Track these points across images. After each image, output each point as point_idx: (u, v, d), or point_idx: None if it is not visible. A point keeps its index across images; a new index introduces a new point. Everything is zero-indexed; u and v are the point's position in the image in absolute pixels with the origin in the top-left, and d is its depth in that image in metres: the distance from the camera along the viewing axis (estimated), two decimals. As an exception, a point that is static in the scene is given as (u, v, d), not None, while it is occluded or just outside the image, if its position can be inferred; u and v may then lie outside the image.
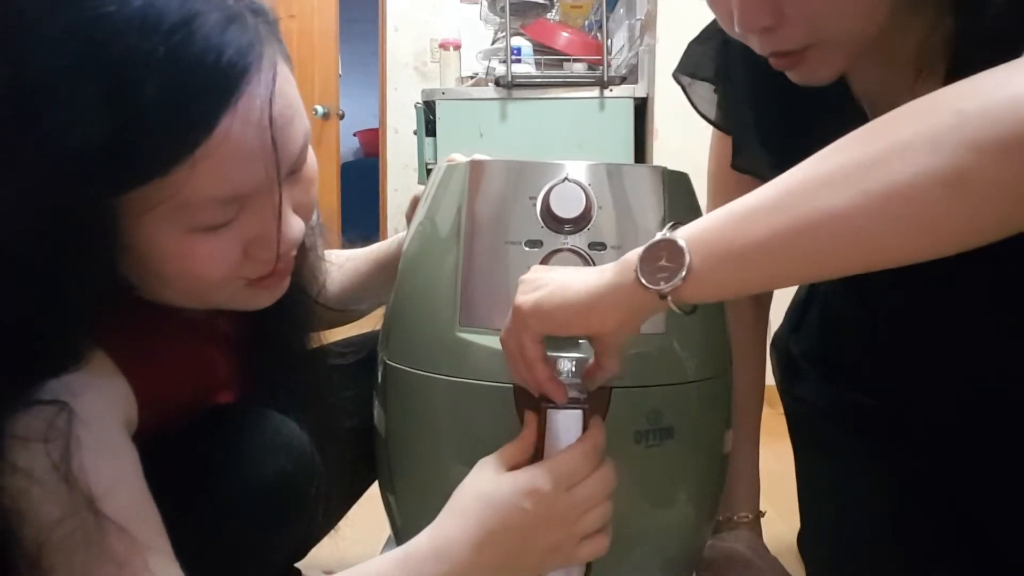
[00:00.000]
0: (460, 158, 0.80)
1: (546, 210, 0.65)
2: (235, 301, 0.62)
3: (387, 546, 0.88)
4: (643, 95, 2.23)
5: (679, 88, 0.93)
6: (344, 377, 0.86)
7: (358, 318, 0.97)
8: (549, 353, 0.59)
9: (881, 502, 0.83)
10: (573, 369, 0.63)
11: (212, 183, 0.52)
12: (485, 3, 2.42)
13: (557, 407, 0.58)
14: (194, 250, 0.55)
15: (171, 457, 0.60)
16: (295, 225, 0.60)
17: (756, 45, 0.65)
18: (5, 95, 0.48)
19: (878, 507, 0.83)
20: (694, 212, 0.73)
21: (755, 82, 0.79)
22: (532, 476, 0.57)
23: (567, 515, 0.57)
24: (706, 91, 0.88)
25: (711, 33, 0.87)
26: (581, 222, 0.65)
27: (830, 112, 0.70)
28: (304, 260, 0.76)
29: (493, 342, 0.64)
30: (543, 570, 0.59)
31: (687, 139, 2.25)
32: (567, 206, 0.65)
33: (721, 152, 0.92)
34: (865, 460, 0.86)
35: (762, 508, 0.93)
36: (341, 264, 0.91)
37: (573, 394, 0.59)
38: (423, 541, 0.57)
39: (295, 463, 0.67)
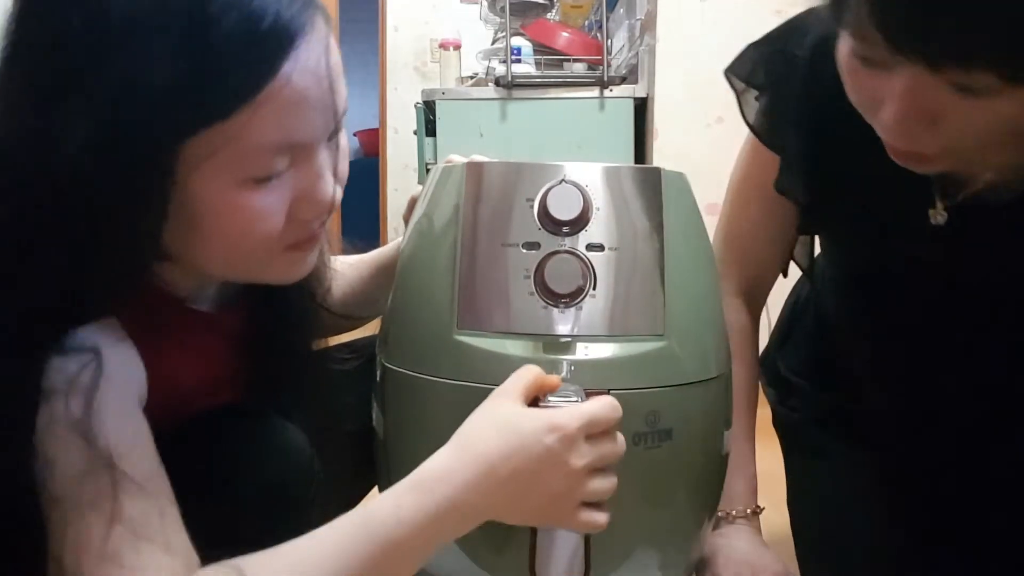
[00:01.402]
0: (459, 159, 0.80)
1: (543, 212, 0.65)
2: (270, 268, 0.62)
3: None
4: (643, 95, 2.23)
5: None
6: (347, 381, 0.86)
7: (363, 324, 0.97)
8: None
9: (874, 505, 0.83)
10: (572, 369, 0.63)
11: (270, 129, 0.54)
12: (485, 3, 2.42)
13: (557, 405, 0.58)
14: (244, 203, 0.56)
15: (169, 460, 0.61)
16: (334, 187, 0.61)
17: (886, 135, 0.62)
18: (82, 34, 0.50)
19: (871, 509, 0.83)
20: (692, 213, 0.73)
21: (814, 109, 0.77)
22: (558, 412, 0.57)
23: (582, 464, 0.57)
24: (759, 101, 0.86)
25: (771, 40, 0.85)
26: (579, 223, 0.65)
27: (896, 178, 0.67)
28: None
29: (491, 344, 0.64)
30: (538, 520, 0.59)
31: (687, 139, 2.26)
32: (564, 207, 0.65)
33: (753, 163, 0.89)
34: (858, 463, 0.86)
35: (761, 506, 0.93)
36: (344, 271, 0.91)
37: (571, 395, 0.60)
38: (436, 465, 0.57)
39: (293, 468, 0.67)
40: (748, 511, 0.91)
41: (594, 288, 0.65)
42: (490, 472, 0.56)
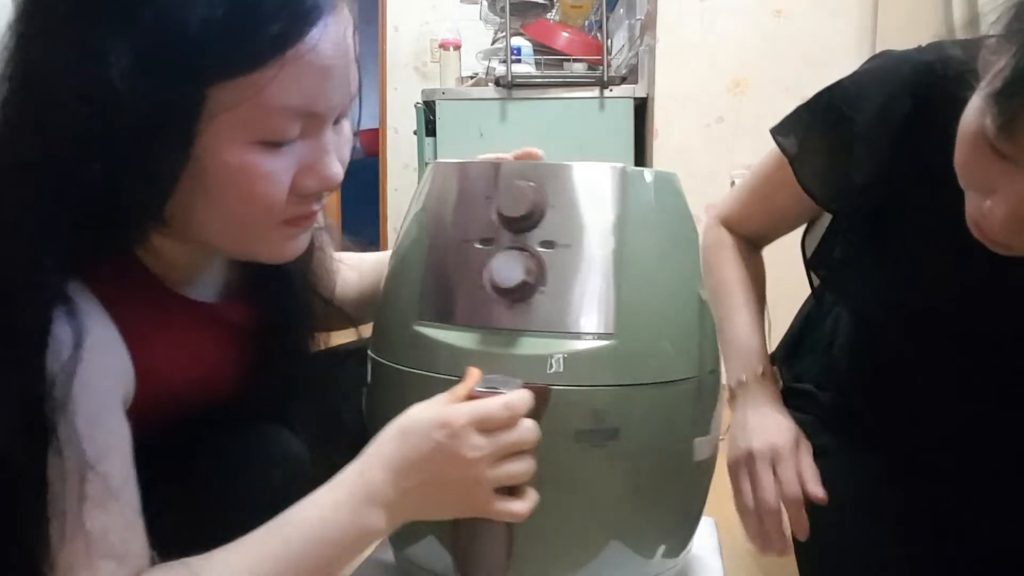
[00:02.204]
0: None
1: (497, 209, 0.66)
2: (265, 242, 0.63)
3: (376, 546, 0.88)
4: (643, 95, 2.23)
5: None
6: (347, 378, 0.87)
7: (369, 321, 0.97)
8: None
9: (875, 505, 0.83)
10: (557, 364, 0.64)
11: (291, 91, 0.55)
12: (485, 3, 2.42)
13: (485, 394, 0.60)
14: (253, 163, 0.57)
15: (165, 468, 0.61)
16: (338, 166, 0.62)
17: (985, 224, 0.61)
18: None
19: (873, 510, 0.83)
20: (665, 214, 0.71)
21: (881, 171, 0.75)
22: (447, 410, 0.59)
23: (478, 456, 0.58)
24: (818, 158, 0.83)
25: (825, 102, 0.81)
26: (529, 221, 0.66)
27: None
28: (311, 258, 0.76)
29: (443, 336, 0.67)
30: (458, 512, 0.60)
31: (687, 139, 2.26)
32: (513, 205, 0.65)
33: (778, 176, 0.86)
34: (860, 463, 0.86)
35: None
36: (364, 271, 0.91)
37: (496, 386, 0.60)
38: (351, 467, 0.60)
39: (291, 475, 0.68)
40: (757, 374, 0.87)
41: (544, 284, 0.65)
42: (393, 470, 0.58)
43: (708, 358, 0.73)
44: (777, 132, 0.85)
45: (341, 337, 0.90)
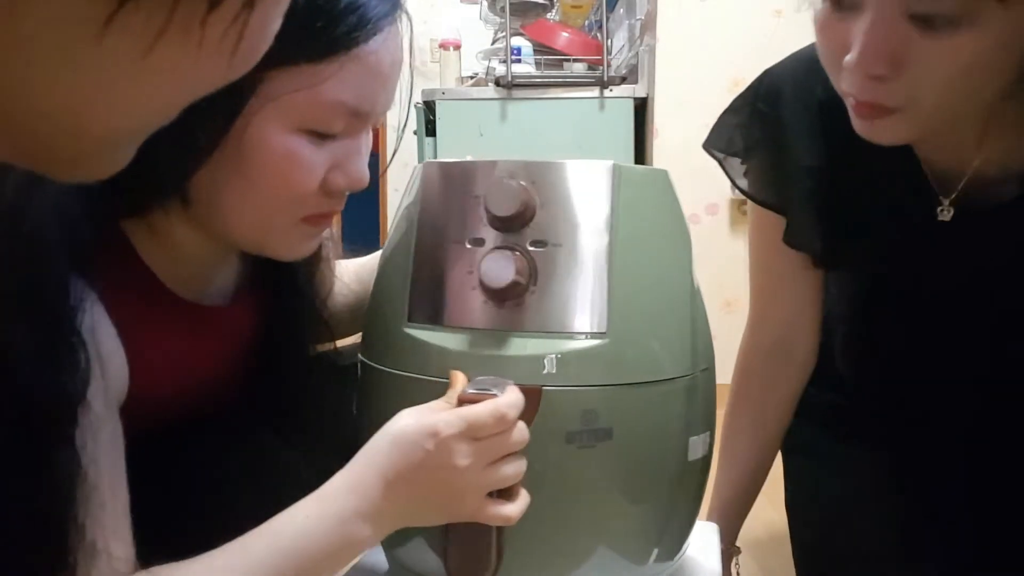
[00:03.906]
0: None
1: (486, 208, 0.65)
2: (283, 237, 0.65)
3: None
4: (643, 95, 2.24)
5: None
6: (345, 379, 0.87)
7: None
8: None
9: (872, 506, 0.84)
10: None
11: (347, 88, 0.59)
12: (485, 3, 2.42)
13: (477, 397, 0.59)
14: (296, 150, 0.60)
15: (161, 481, 0.61)
16: (367, 169, 0.65)
17: (851, 86, 0.65)
18: None
19: (869, 511, 0.84)
20: (658, 212, 0.71)
21: (812, 153, 0.79)
22: (437, 419, 0.58)
23: (468, 463, 0.58)
24: (745, 166, 0.87)
25: (743, 105, 0.87)
26: (519, 220, 0.65)
27: (893, 185, 0.70)
28: (316, 267, 0.77)
29: (433, 337, 0.66)
30: (450, 517, 0.60)
31: (687, 139, 2.26)
32: (503, 204, 0.64)
33: (764, 226, 0.88)
34: (857, 465, 0.87)
35: (760, 510, 0.94)
36: (348, 282, 0.91)
37: (488, 388, 0.60)
38: (339, 478, 0.59)
39: (288, 487, 0.67)
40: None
41: (535, 284, 0.65)
42: (385, 480, 0.58)
43: (701, 356, 0.72)
44: (707, 144, 0.89)
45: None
